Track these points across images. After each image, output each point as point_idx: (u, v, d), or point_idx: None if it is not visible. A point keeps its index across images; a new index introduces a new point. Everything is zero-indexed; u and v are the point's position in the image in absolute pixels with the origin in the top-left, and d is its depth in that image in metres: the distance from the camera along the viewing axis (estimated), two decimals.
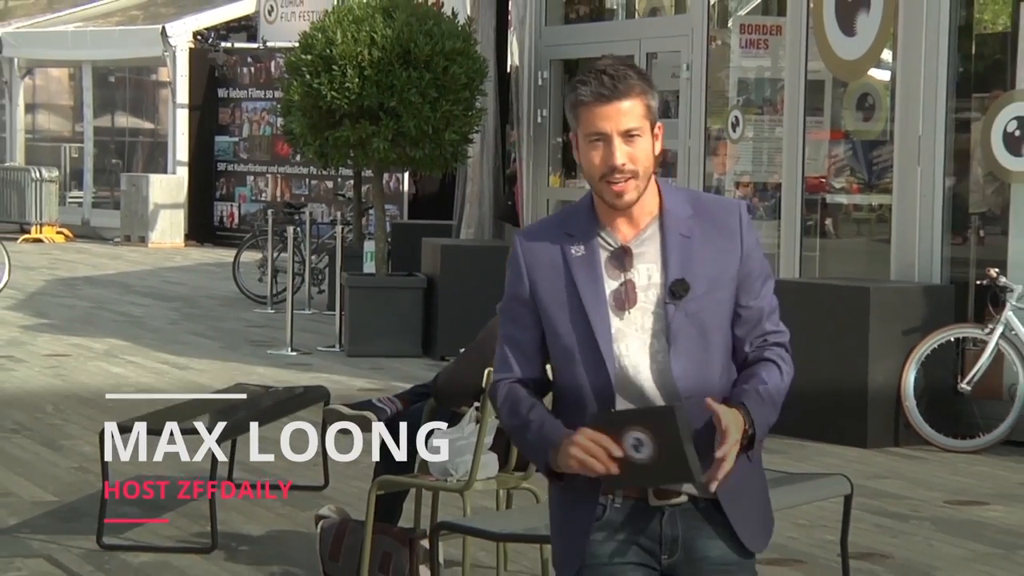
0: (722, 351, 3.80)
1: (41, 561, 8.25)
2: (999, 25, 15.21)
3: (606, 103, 3.68)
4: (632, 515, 3.76)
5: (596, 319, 3.72)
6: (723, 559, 3.78)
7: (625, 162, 3.67)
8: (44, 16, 34.61)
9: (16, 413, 12.58)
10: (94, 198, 32.21)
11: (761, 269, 3.87)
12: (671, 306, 3.71)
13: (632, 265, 3.76)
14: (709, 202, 4.03)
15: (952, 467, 11.08)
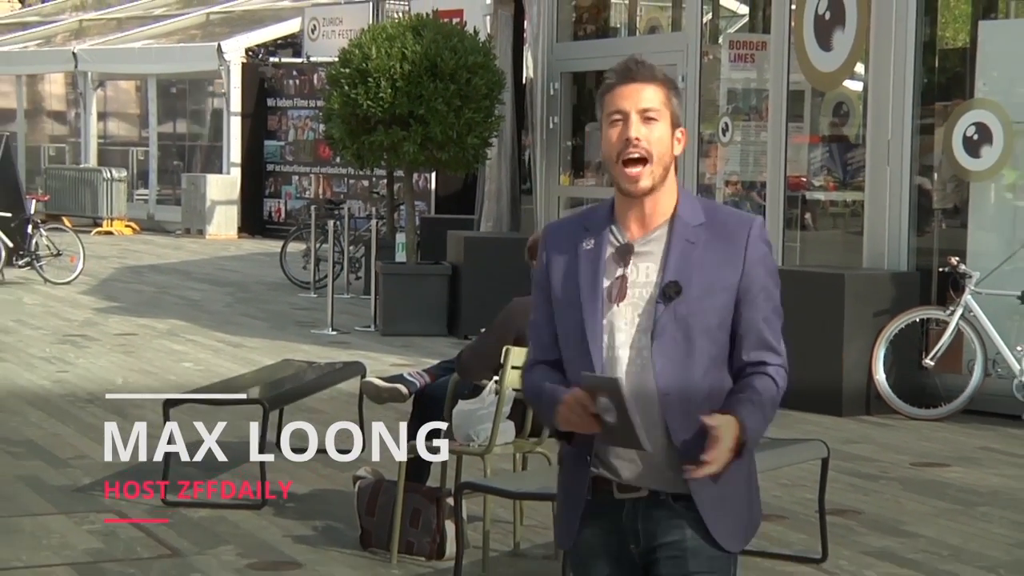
0: (707, 355, 3.60)
1: (112, 516, 8.26)
2: (959, 41, 15.16)
3: (629, 83, 3.58)
4: (603, 508, 3.66)
5: (588, 309, 3.60)
6: (680, 544, 3.62)
7: (639, 137, 3.53)
8: (114, 35, 34.58)
9: (90, 385, 12.59)
10: (158, 195, 32.21)
11: (763, 284, 3.66)
12: (660, 305, 3.55)
13: (631, 262, 3.61)
14: (724, 214, 3.80)
15: (917, 433, 11.07)
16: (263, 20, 31.90)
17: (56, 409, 11.51)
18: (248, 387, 9.52)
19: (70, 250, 21.38)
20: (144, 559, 7.46)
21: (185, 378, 12.55)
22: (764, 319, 3.65)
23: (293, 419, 10.44)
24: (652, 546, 3.62)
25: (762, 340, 3.65)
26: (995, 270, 11.77)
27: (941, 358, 11.68)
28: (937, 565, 7.54)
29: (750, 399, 3.56)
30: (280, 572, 7.26)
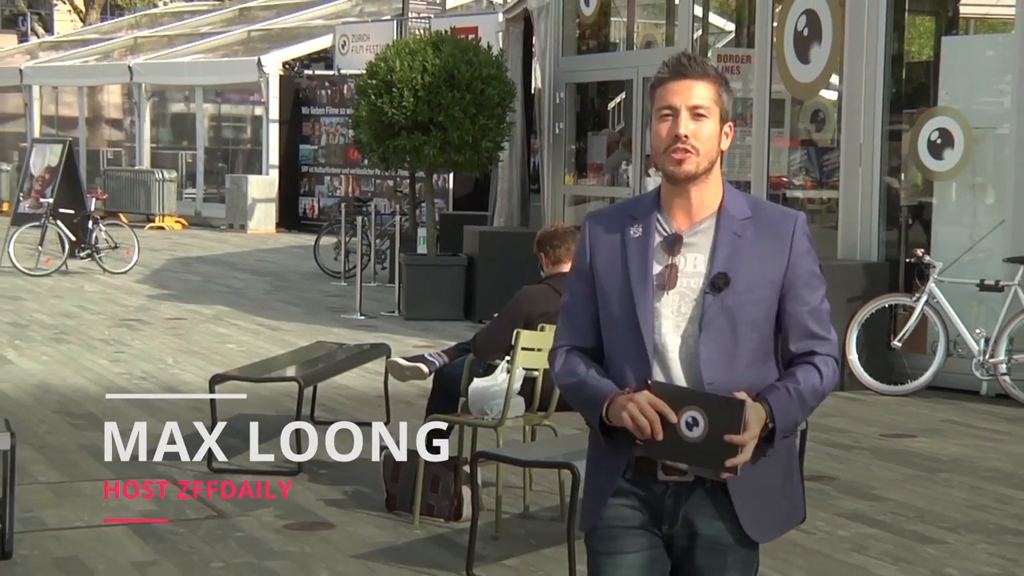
0: (752, 347, 3.36)
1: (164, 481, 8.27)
2: (924, 55, 15.15)
3: (680, 79, 3.33)
4: (642, 488, 3.38)
5: (639, 296, 3.34)
6: (717, 539, 3.36)
7: (688, 134, 3.29)
8: (165, 50, 34.62)
9: (144, 364, 12.62)
10: (204, 194, 32.22)
11: (809, 278, 3.42)
12: (709, 296, 3.31)
13: (680, 251, 3.36)
14: (769, 208, 3.53)
15: (886, 408, 11.06)
16: (298, 37, 31.91)
17: (113, 384, 11.52)
18: (285, 366, 9.53)
19: (126, 243, 21.44)
20: (192, 520, 7.48)
21: (229, 358, 12.57)
22: (810, 311, 3.43)
23: (325, 394, 10.49)
24: (689, 534, 3.38)
25: (808, 331, 3.42)
26: (956, 261, 11.76)
27: (908, 340, 11.69)
28: (903, 525, 7.53)
29: (785, 387, 3.33)
30: (314, 532, 7.27)
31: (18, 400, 10.74)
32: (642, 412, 3.19)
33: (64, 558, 6.74)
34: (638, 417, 3.19)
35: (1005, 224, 11.62)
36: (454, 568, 6.58)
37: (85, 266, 20.83)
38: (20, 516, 7.02)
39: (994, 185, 11.93)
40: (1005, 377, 11.21)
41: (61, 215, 21.19)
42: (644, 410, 3.19)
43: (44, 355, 13.12)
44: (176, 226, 30.15)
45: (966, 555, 7.01)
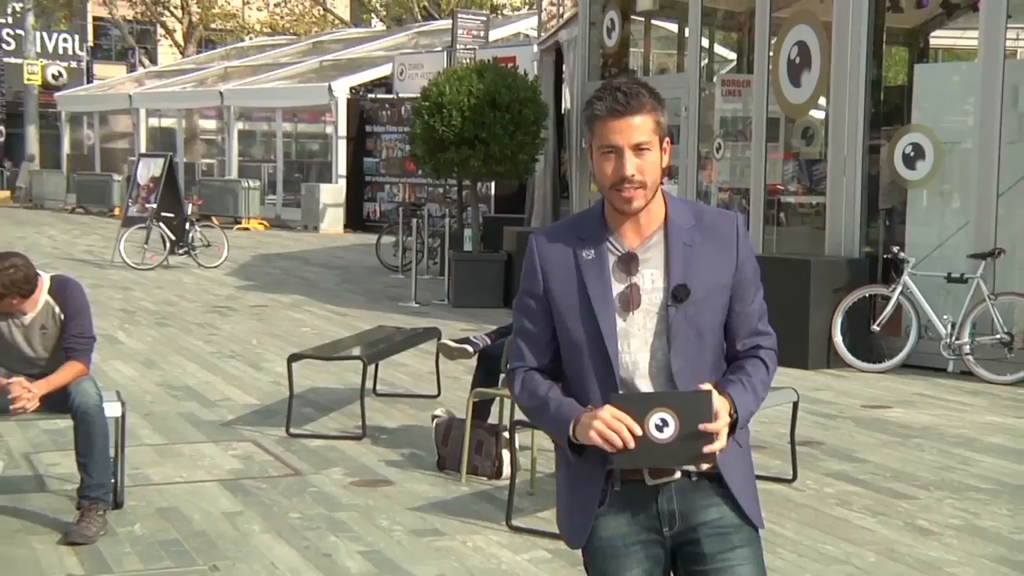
0: (714, 350, 3.07)
1: (249, 444, 8.31)
2: (899, 80, 15.11)
3: (619, 118, 2.94)
4: (631, 497, 3.01)
5: (603, 318, 2.98)
6: (720, 521, 3.01)
7: (635, 173, 2.94)
8: (251, 78, 34.78)
9: (232, 345, 12.66)
10: (283, 200, 32.33)
11: (754, 277, 3.12)
12: (672, 308, 2.97)
13: (637, 270, 3.01)
14: (710, 213, 3.13)
15: (866, 383, 11.01)
16: (363, 66, 32.00)
17: (206, 362, 11.58)
18: (351, 346, 9.55)
19: (217, 242, 21.58)
20: (273, 477, 7.50)
21: (304, 339, 12.61)
22: (754, 309, 3.12)
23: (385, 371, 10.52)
24: (691, 526, 3.02)
25: (754, 328, 3.12)
26: (927, 257, 11.71)
27: (885, 325, 11.64)
28: (881, 483, 7.50)
29: (740, 380, 3.03)
30: (376, 488, 7.27)
31: (127, 375, 10.81)
32: (608, 427, 2.84)
33: (166, 508, 6.77)
34: (605, 432, 2.84)
35: (969, 225, 11.56)
36: (495, 519, 6.58)
37: (183, 261, 20.94)
38: (129, 473, 7.07)
39: (959, 192, 11.87)
40: (969, 356, 11.18)
41: (163, 218, 21.34)
42: (610, 424, 2.84)
43: (149, 336, 13.19)
44: (259, 227, 30.28)
45: (935, 509, 6.98)
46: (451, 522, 6.60)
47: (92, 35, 51.74)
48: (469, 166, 16.01)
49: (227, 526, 6.49)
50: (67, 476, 7.08)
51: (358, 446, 8.29)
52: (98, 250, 23.59)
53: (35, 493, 7.07)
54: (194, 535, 6.33)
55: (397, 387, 10.42)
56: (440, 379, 10.07)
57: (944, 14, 16.55)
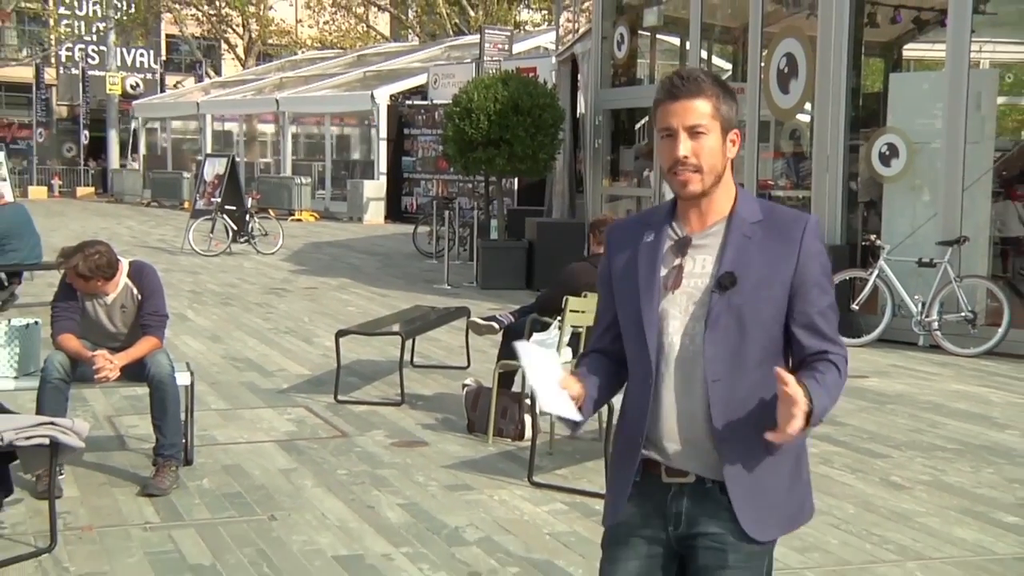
0: (760, 346, 2.66)
1: (302, 410, 8.33)
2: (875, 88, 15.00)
3: (674, 100, 2.64)
4: (649, 490, 2.73)
5: (644, 299, 2.68)
6: (718, 538, 2.67)
7: (687, 155, 2.62)
8: (303, 87, 34.83)
9: (287, 322, 12.70)
10: (331, 194, 32.39)
11: (817, 280, 2.71)
12: (715, 295, 2.63)
13: (688, 253, 2.69)
14: (781, 212, 2.76)
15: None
16: (401, 76, 31.99)
17: (265, 337, 11.61)
18: (391, 323, 9.56)
19: (274, 231, 21.63)
20: (323, 438, 7.52)
21: (349, 317, 12.63)
22: (819, 312, 2.72)
23: (421, 345, 10.53)
24: (691, 533, 2.70)
25: (819, 332, 2.72)
26: (900, 244, 11.66)
27: (863, 304, 11.62)
28: (859, 444, 7.48)
29: (813, 377, 2.63)
30: (413, 448, 7.28)
31: (195, 348, 10.84)
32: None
33: (230, 465, 6.80)
34: None
35: (937, 216, 11.52)
36: (518, 476, 6.59)
37: (243, 249, 21.00)
38: (198, 434, 7.10)
39: (929, 186, 11.82)
40: (937, 332, 11.15)
41: (226, 210, 21.42)
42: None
43: (214, 314, 13.23)
44: (310, 219, 30.34)
45: (906, 466, 6.96)
46: (479, 478, 6.61)
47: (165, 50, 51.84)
48: (495, 164, 16.01)
49: (283, 481, 6.52)
50: (144, 437, 7.12)
51: (397, 411, 8.31)
52: (170, 239, 23.68)
53: (117, 451, 7.11)
54: (254, 489, 6.36)
55: (432, 359, 10.43)
56: (469, 352, 10.08)
57: (915, 29, 16.53)
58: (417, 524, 5.77)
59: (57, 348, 6.35)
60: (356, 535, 5.60)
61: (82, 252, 6.38)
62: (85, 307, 6.49)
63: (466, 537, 5.57)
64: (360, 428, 7.79)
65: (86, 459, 6.74)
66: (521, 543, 5.49)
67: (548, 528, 5.73)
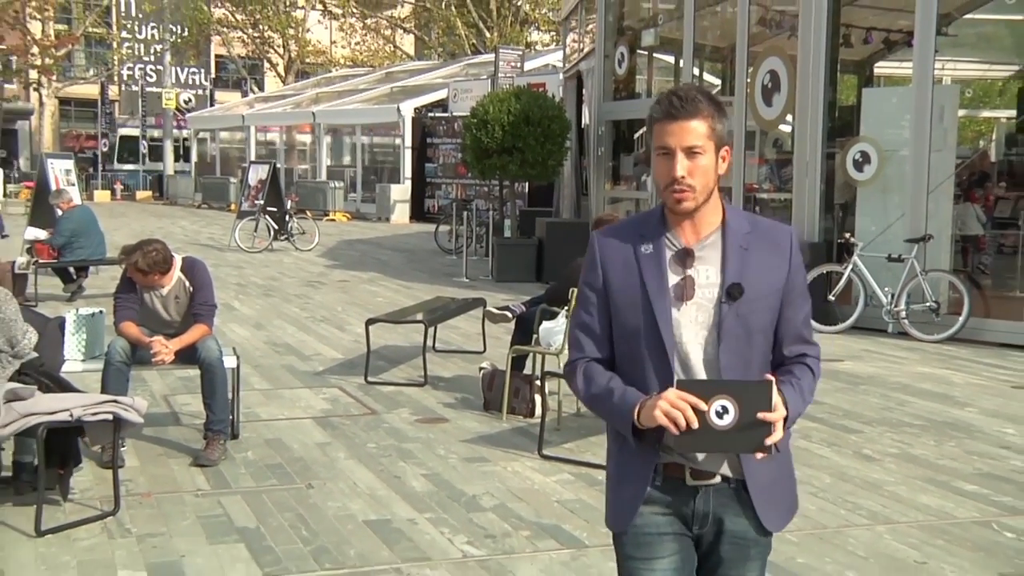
0: (762, 351, 2.55)
1: (335, 390, 8.34)
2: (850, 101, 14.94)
3: (672, 121, 2.48)
4: (671, 493, 2.54)
5: (659, 308, 2.49)
6: (742, 534, 2.55)
7: (684, 175, 2.47)
8: (337, 101, 34.80)
9: (322, 311, 12.71)
10: (362, 197, 32.35)
11: (802, 287, 2.61)
12: (725, 305, 2.48)
13: (693, 265, 2.52)
14: (765, 224, 2.62)
15: (823, 340, 10.82)
16: (424, 91, 31.93)
17: (302, 325, 11.63)
18: (415, 312, 9.56)
19: (310, 230, 21.66)
20: (354, 415, 7.53)
21: (378, 307, 12.64)
22: (803, 319, 2.62)
23: (442, 332, 10.54)
24: (717, 530, 2.57)
25: (801, 336, 2.61)
26: (872, 241, 11.62)
27: (839, 295, 11.59)
28: (835, 421, 7.46)
29: (789, 382, 2.52)
30: (435, 424, 7.29)
31: (241, 334, 10.87)
32: (674, 406, 2.37)
33: (271, 439, 6.82)
34: (671, 411, 2.36)
35: (905, 216, 11.48)
36: (529, 449, 6.59)
37: (283, 246, 21.03)
38: (243, 411, 7.12)
39: (897, 190, 11.77)
40: (905, 320, 11.12)
41: (268, 212, 21.45)
42: (676, 404, 2.37)
43: (257, 304, 13.26)
44: (343, 219, 30.33)
45: (877, 440, 6.94)
46: (494, 451, 6.61)
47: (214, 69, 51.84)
48: (508, 170, 16.00)
49: (319, 453, 6.54)
50: (196, 413, 7.15)
51: (421, 391, 8.32)
52: (218, 237, 23.72)
53: (172, 426, 7.14)
54: (293, 460, 6.38)
55: (452, 345, 10.44)
56: (485, 338, 10.09)
57: (885, 49, 16.53)
58: (439, 492, 5.77)
59: (119, 334, 6.38)
60: (384, 502, 5.61)
61: (141, 249, 6.40)
62: (143, 298, 6.51)
63: (483, 504, 5.58)
64: (388, 406, 7.80)
65: (145, 433, 6.77)
66: (532, 509, 5.49)
67: (556, 496, 5.74)
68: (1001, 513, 5.54)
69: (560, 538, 5.07)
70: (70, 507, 5.45)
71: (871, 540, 5.10)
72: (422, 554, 4.85)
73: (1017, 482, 6.08)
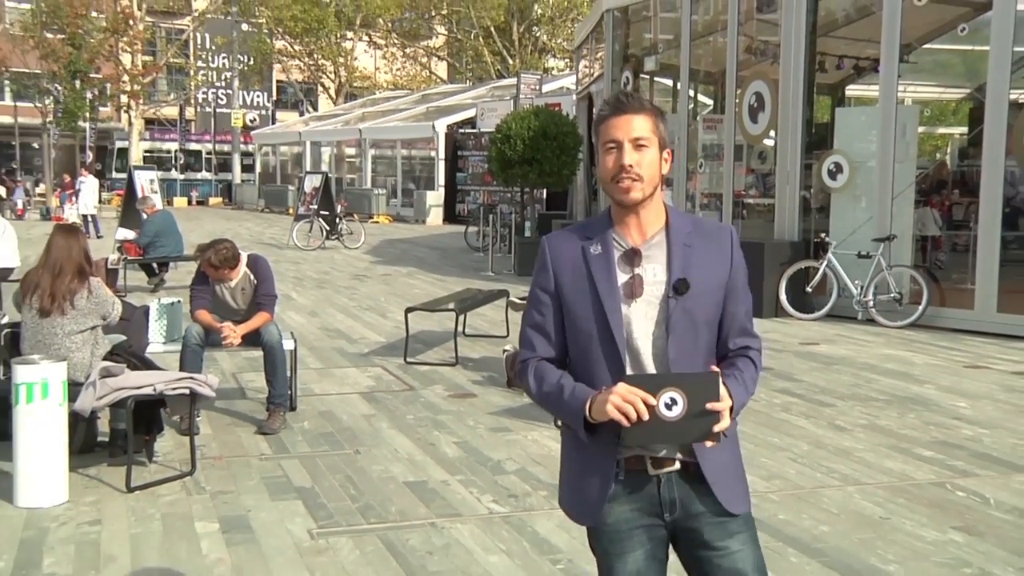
0: (707, 344, 2.31)
1: (379, 369, 8.35)
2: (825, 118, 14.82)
3: (620, 115, 2.26)
4: (634, 485, 2.27)
5: (609, 306, 2.24)
6: (719, 512, 2.27)
7: (632, 164, 2.23)
8: (380, 119, 34.86)
9: (368, 301, 12.75)
10: (402, 202, 32.46)
11: (744, 282, 2.38)
12: (672, 300, 2.24)
13: (640, 264, 2.28)
14: (706, 223, 2.40)
15: (802, 327, 10.90)
16: (455, 111, 31.94)
17: (350, 313, 11.66)
18: (448, 302, 9.57)
19: (357, 231, 21.72)
20: (395, 391, 7.55)
21: (416, 297, 12.67)
22: (745, 311, 2.39)
23: (471, 319, 10.54)
24: (690, 513, 2.28)
25: (744, 329, 2.38)
26: (844, 240, 11.54)
27: (816, 287, 11.52)
28: (812, 396, 7.43)
29: (733, 375, 2.29)
30: (465, 399, 7.30)
31: (299, 321, 10.92)
32: (625, 400, 2.12)
33: (324, 411, 6.84)
34: (622, 405, 2.12)
35: (872, 219, 11.41)
36: (547, 421, 6.58)
37: (334, 245, 21.11)
38: (300, 387, 7.16)
39: (866, 196, 11.69)
40: (872, 309, 11.07)
41: (321, 215, 21.52)
42: (627, 397, 2.12)
43: (312, 295, 13.31)
44: (385, 221, 30.41)
45: (848, 413, 6.91)
46: (516, 422, 6.62)
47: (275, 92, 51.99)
48: (529, 178, 15.99)
49: (364, 424, 6.56)
50: (259, 389, 7.18)
51: (452, 370, 8.33)
52: (278, 237, 23.81)
53: (239, 400, 7.18)
54: (343, 429, 6.40)
55: (479, 330, 10.45)
56: (509, 324, 10.09)
57: (855, 73, 16.46)
58: (468, 457, 5.79)
59: (194, 321, 6.42)
60: (421, 466, 5.62)
61: (213, 247, 6.44)
62: (215, 290, 6.55)
63: (506, 468, 5.59)
64: (424, 383, 7.82)
65: (216, 405, 6.82)
66: (549, 472, 5.49)
67: None
68: (954, 475, 5.51)
69: None
70: (154, 468, 5.49)
71: (842, 499, 5.09)
72: (454, 511, 4.86)
73: (968, 448, 6.04)
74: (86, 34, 39.63)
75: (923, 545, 4.44)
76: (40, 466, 4.86)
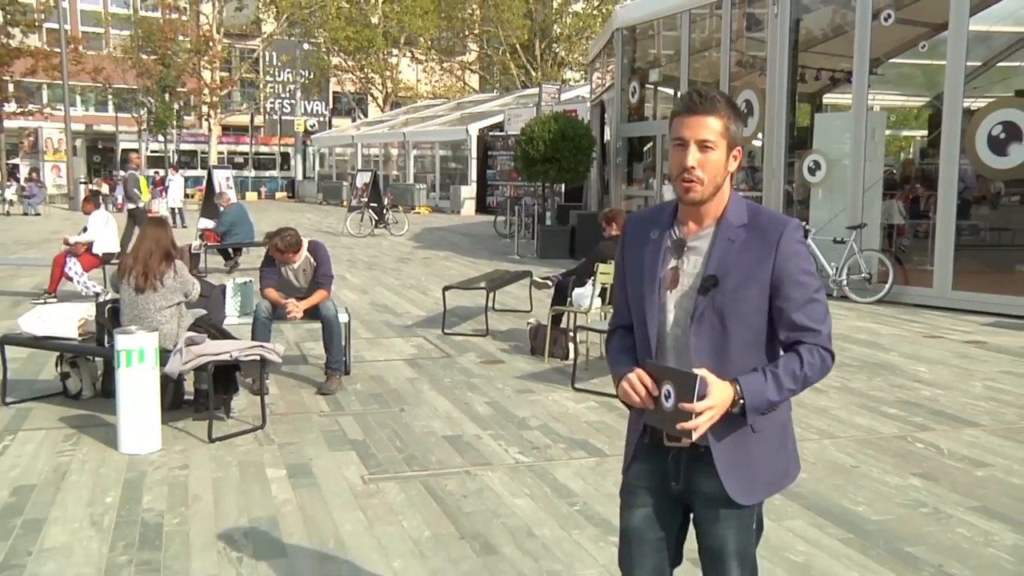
0: (742, 338, 2.04)
1: (420, 339, 8.37)
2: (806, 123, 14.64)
3: (690, 115, 2.04)
4: (653, 451, 2.16)
5: (648, 291, 2.09)
6: (711, 495, 2.08)
7: (695, 166, 2.02)
8: (421, 124, 34.76)
9: (411, 280, 12.73)
10: (439, 195, 32.38)
11: (795, 277, 2.03)
12: (700, 295, 2.04)
13: (683, 255, 2.09)
14: (765, 217, 2.08)
15: None
16: (486, 116, 31.78)
17: (396, 291, 11.68)
18: (480, 281, 9.56)
19: (402, 220, 21.71)
20: (435, 358, 7.56)
21: (452, 277, 12.67)
22: (799, 307, 2.04)
23: (500, 296, 10.53)
24: (690, 489, 2.12)
25: (794, 324, 2.04)
26: (822, 228, 11.40)
27: None
28: None
29: (764, 369, 2.03)
30: (494, 365, 7.30)
31: (352, 297, 10.95)
32: (632, 387, 2.02)
33: (374, 375, 6.87)
34: (627, 390, 2.03)
35: (846, 209, 11.28)
36: (565, 384, 6.59)
37: (382, 232, 21.11)
38: (353, 354, 7.19)
39: (841, 189, 11.55)
40: (845, 287, 10.96)
41: (371, 207, 21.51)
42: (633, 385, 2.01)
43: (363, 275, 13.34)
44: (426, 212, 30.36)
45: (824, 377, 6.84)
46: (538, 385, 6.62)
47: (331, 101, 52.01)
48: (549, 174, 15.91)
49: (408, 386, 6.58)
50: (319, 356, 7.22)
51: (484, 340, 8.33)
52: (334, 226, 23.87)
53: (302, 365, 7.22)
54: (390, 391, 6.43)
55: (507, 305, 10.43)
56: (532, 300, 10.07)
57: (832, 84, 16.28)
58: (497, 415, 5.80)
59: (264, 297, 6.46)
60: (457, 422, 5.64)
61: (279, 234, 6.47)
62: (280, 271, 6.58)
63: (530, 424, 5.59)
64: (459, 351, 7.83)
65: (283, 369, 6.86)
66: (567, 428, 5.50)
67: (585, 418, 5.74)
68: (914, 430, 5.47)
69: (587, 449, 5.07)
70: (231, 422, 5.54)
71: (819, 450, 5.06)
72: (485, 460, 4.88)
73: (926, 407, 5.99)
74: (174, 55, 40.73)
75: (887, 489, 4.42)
76: (138, 419, 4.93)
